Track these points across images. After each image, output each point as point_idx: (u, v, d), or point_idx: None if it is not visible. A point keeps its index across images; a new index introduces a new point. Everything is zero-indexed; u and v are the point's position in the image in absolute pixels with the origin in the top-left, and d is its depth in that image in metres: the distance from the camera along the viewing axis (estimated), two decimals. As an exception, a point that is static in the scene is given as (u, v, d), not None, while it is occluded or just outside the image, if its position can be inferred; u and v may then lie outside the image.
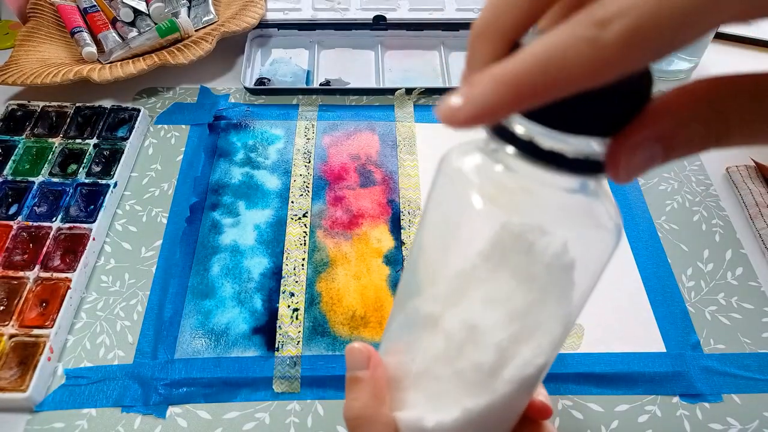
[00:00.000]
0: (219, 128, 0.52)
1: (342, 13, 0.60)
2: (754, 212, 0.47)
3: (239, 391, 0.37)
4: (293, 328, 0.40)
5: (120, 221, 0.46)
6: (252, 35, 0.59)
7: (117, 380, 0.38)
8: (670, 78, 0.58)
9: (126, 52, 0.55)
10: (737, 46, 0.63)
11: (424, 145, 0.52)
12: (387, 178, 0.49)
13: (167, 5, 0.59)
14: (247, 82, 0.55)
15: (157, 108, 0.54)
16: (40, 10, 0.59)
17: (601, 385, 0.38)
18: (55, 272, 0.41)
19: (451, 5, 0.61)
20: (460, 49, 0.61)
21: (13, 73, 0.52)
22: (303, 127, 0.53)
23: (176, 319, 0.40)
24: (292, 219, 0.46)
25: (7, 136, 0.49)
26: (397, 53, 0.60)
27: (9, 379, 0.36)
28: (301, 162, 0.50)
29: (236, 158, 0.50)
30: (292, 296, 0.42)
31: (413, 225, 0.46)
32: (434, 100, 0.56)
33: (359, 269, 0.43)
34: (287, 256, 0.44)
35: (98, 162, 0.48)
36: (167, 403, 0.37)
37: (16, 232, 0.43)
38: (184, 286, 0.42)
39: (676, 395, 0.38)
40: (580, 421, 0.37)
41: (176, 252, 0.44)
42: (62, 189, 0.46)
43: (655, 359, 0.39)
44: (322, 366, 0.38)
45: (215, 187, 0.48)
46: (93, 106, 0.52)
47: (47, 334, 0.38)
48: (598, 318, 0.41)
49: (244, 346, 0.39)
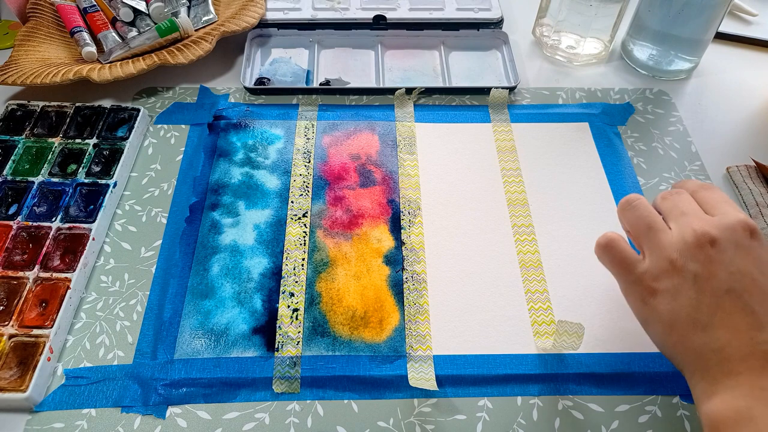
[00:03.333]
0: (219, 128, 0.52)
1: (342, 12, 0.60)
2: (754, 212, 0.47)
3: (239, 391, 0.37)
4: (293, 329, 0.40)
5: (120, 221, 0.46)
6: (252, 35, 0.59)
7: (117, 380, 0.38)
8: (670, 78, 0.58)
9: (126, 51, 0.55)
10: (737, 46, 0.63)
11: (424, 145, 0.52)
12: (387, 178, 0.49)
13: (167, 5, 0.59)
14: (246, 82, 0.55)
15: (157, 108, 0.54)
16: (40, 10, 0.59)
17: (602, 385, 0.38)
18: (54, 272, 0.41)
19: (451, 5, 0.61)
20: (460, 49, 0.61)
21: (12, 73, 0.52)
22: (303, 126, 0.53)
23: (176, 319, 0.40)
24: (291, 219, 0.46)
25: (7, 136, 0.49)
26: (397, 53, 0.60)
27: (9, 379, 0.36)
28: (301, 162, 0.50)
29: (236, 158, 0.50)
30: (292, 296, 0.41)
31: (413, 225, 0.46)
32: (434, 100, 0.56)
33: (359, 269, 0.43)
34: (287, 256, 0.44)
35: (98, 162, 0.48)
36: (167, 404, 0.37)
37: (16, 232, 0.43)
38: (183, 286, 0.42)
39: (676, 395, 0.38)
40: (580, 421, 0.37)
41: (176, 252, 0.44)
42: (62, 189, 0.46)
43: (655, 359, 0.39)
44: (322, 366, 0.38)
45: (215, 187, 0.48)
46: (93, 106, 0.52)
47: (47, 334, 0.38)
48: (598, 318, 0.41)
49: (243, 346, 0.39)
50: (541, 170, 0.50)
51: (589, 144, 0.52)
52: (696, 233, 0.32)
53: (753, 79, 0.59)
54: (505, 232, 0.46)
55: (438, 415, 0.37)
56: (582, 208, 0.47)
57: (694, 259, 0.32)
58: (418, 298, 0.42)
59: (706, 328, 0.31)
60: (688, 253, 0.32)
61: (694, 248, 0.32)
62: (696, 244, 0.32)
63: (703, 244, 0.32)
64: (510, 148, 0.51)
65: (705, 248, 0.31)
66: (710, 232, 0.32)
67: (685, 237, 0.32)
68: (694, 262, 0.32)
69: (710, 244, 0.31)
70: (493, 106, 0.55)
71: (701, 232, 0.32)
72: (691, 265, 0.32)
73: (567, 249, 0.45)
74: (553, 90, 0.57)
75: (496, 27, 0.61)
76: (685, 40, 0.55)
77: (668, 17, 0.53)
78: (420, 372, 0.38)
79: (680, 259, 0.32)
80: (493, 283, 0.43)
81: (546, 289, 0.42)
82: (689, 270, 0.32)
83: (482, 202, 0.48)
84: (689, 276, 0.32)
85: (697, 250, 0.32)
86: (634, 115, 0.55)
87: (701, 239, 0.32)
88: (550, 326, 0.41)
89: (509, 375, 0.38)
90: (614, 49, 0.61)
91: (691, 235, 0.32)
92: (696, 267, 0.32)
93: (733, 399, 0.29)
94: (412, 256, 0.44)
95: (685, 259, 0.32)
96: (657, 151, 0.52)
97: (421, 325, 0.40)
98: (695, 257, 0.32)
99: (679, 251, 0.32)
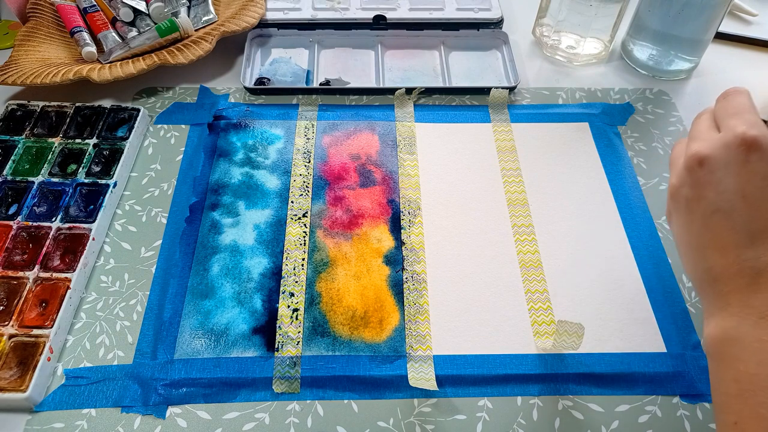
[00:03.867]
0: (219, 128, 0.52)
1: (342, 12, 0.60)
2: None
3: (239, 391, 0.37)
4: (293, 329, 0.40)
5: (120, 221, 0.46)
6: (252, 35, 0.59)
7: (116, 380, 0.38)
8: (670, 78, 0.58)
9: (126, 51, 0.55)
10: (737, 46, 0.63)
11: (424, 145, 0.52)
12: (387, 178, 0.49)
13: (167, 5, 0.59)
14: (246, 82, 0.55)
15: (157, 108, 0.54)
16: (40, 10, 0.59)
17: (602, 385, 0.38)
18: (54, 272, 0.41)
19: (451, 5, 0.61)
20: (460, 49, 0.61)
21: (12, 73, 0.52)
22: (303, 126, 0.53)
23: (176, 319, 0.40)
24: (291, 219, 0.46)
25: (7, 136, 0.49)
26: (397, 53, 0.60)
27: (9, 379, 0.36)
28: (301, 162, 0.50)
29: (236, 158, 0.50)
30: (292, 296, 0.41)
31: (413, 225, 0.46)
32: (434, 100, 0.56)
33: (359, 269, 0.43)
34: (287, 256, 0.44)
35: (98, 162, 0.48)
36: (167, 404, 0.37)
37: (16, 232, 0.43)
38: (183, 286, 0.42)
39: (676, 395, 0.38)
40: (580, 421, 0.37)
41: (176, 252, 0.44)
42: (62, 189, 0.46)
43: (655, 359, 0.39)
44: (322, 366, 0.38)
45: (215, 187, 0.48)
46: (93, 106, 0.52)
47: (47, 334, 0.38)
48: (598, 318, 0.41)
49: (243, 346, 0.39)
50: (541, 170, 0.50)
51: (589, 144, 0.52)
52: (687, 156, 0.32)
53: (753, 79, 0.59)
54: (505, 232, 0.46)
55: (438, 415, 0.37)
56: (582, 208, 0.47)
57: (685, 182, 0.32)
58: (418, 298, 0.42)
59: (698, 250, 0.32)
60: (681, 177, 0.33)
61: (684, 171, 0.32)
62: (686, 167, 0.32)
63: (692, 167, 0.32)
64: (510, 148, 0.51)
65: (694, 170, 0.32)
66: (700, 152, 0.31)
67: (682, 161, 0.33)
68: (685, 186, 0.32)
69: (699, 165, 0.31)
70: (493, 106, 0.55)
71: (690, 154, 0.32)
72: (684, 190, 0.32)
73: (567, 249, 0.45)
74: (553, 90, 0.57)
75: (496, 27, 0.61)
76: (685, 40, 0.55)
77: (668, 17, 0.53)
78: (420, 372, 0.38)
79: (676, 184, 0.33)
80: (493, 283, 0.43)
81: (546, 289, 0.42)
82: (682, 194, 0.33)
83: (482, 202, 0.48)
84: (682, 200, 0.33)
85: (686, 174, 0.32)
86: (634, 115, 0.55)
87: (690, 162, 0.32)
88: (550, 326, 0.41)
89: (509, 375, 0.38)
90: (614, 49, 0.61)
91: (685, 159, 0.33)
92: (687, 191, 0.32)
93: (722, 319, 0.30)
94: (412, 256, 0.44)
95: (679, 183, 0.33)
96: (657, 151, 0.52)
97: (421, 325, 0.40)
98: (686, 181, 0.32)
99: (677, 176, 0.33)
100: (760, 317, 0.28)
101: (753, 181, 0.30)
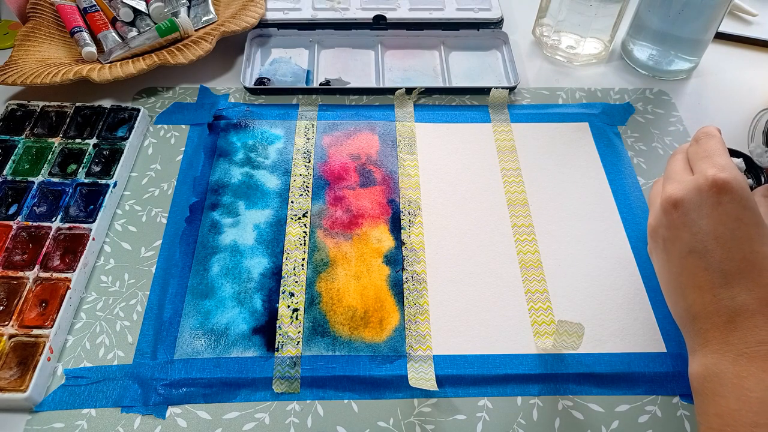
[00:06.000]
0: (219, 128, 0.52)
1: (342, 12, 0.60)
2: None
3: (239, 391, 0.37)
4: (293, 329, 0.40)
5: (120, 221, 0.46)
6: (252, 35, 0.59)
7: (116, 380, 0.38)
8: (670, 78, 0.58)
9: (126, 51, 0.55)
10: (737, 46, 0.63)
11: (424, 145, 0.52)
12: (387, 178, 0.49)
13: (167, 5, 0.59)
14: (246, 82, 0.55)
15: (157, 108, 0.54)
16: (40, 10, 0.59)
17: (602, 385, 0.38)
18: (54, 272, 0.41)
19: (451, 5, 0.61)
20: (460, 49, 0.61)
21: (12, 73, 0.52)
22: (303, 126, 0.53)
23: (176, 319, 0.40)
24: (291, 219, 0.46)
25: (7, 136, 0.49)
26: (397, 53, 0.60)
27: (8, 379, 0.36)
28: (301, 162, 0.50)
29: (236, 158, 0.50)
30: (292, 296, 0.41)
31: (413, 225, 0.46)
32: (434, 100, 0.56)
33: (359, 269, 0.43)
34: (287, 256, 0.44)
35: (98, 162, 0.48)
36: (167, 404, 0.37)
37: (16, 231, 0.43)
38: (183, 286, 0.42)
39: (676, 395, 0.38)
40: (580, 421, 0.37)
41: (176, 252, 0.44)
42: (62, 189, 0.46)
43: (655, 359, 0.39)
44: (322, 366, 0.38)
45: (215, 187, 0.48)
46: (93, 106, 0.52)
47: (47, 334, 0.38)
48: (598, 318, 0.41)
49: (243, 346, 0.39)
50: (541, 170, 0.50)
51: (589, 144, 0.52)
52: (662, 198, 0.34)
53: (753, 79, 0.59)
54: (505, 232, 0.46)
55: (438, 415, 0.37)
56: (582, 208, 0.47)
57: (662, 224, 0.34)
58: (418, 298, 0.42)
59: (677, 289, 0.33)
60: (658, 219, 0.34)
61: (661, 213, 0.34)
62: (662, 210, 0.34)
63: (667, 209, 0.33)
64: (510, 148, 0.51)
65: (669, 213, 0.33)
66: (674, 195, 0.33)
67: (659, 202, 0.34)
68: (662, 227, 0.34)
69: (674, 207, 0.33)
70: (493, 106, 0.55)
71: (665, 197, 0.33)
72: (661, 230, 0.34)
73: (567, 249, 0.45)
74: (553, 90, 0.57)
75: (496, 27, 0.61)
76: (685, 40, 0.55)
77: (668, 17, 0.53)
78: (420, 372, 0.38)
79: (654, 224, 0.35)
80: (493, 283, 0.43)
81: (546, 289, 0.42)
82: (659, 235, 0.34)
83: (482, 202, 0.48)
84: (660, 240, 0.34)
85: (663, 216, 0.34)
86: (634, 115, 0.55)
87: (665, 204, 0.33)
88: (550, 326, 0.41)
89: (509, 375, 0.38)
90: (614, 49, 0.61)
91: (660, 201, 0.34)
92: (663, 231, 0.34)
93: (704, 356, 0.31)
94: (412, 256, 0.44)
95: (657, 224, 0.34)
96: (657, 151, 0.52)
97: (421, 325, 0.40)
98: (662, 222, 0.34)
99: (654, 216, 0.35)
100: (738, 354, 0.29)
101: (725, 222, 0.31)
